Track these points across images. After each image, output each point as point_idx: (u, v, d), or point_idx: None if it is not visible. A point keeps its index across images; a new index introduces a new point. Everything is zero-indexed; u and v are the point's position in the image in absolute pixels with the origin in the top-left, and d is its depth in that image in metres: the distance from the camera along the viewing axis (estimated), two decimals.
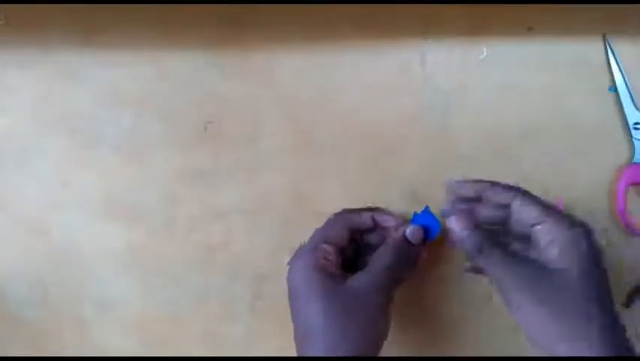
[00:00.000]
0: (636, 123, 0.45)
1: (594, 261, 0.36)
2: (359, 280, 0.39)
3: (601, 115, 0.46)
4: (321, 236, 0.41)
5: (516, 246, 0.40)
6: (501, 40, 0.46)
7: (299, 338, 0.40)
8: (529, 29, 0.45)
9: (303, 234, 0.47)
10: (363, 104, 0.46)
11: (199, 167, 0.47)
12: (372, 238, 0.44)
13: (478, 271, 0.41)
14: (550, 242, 0.36)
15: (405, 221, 0.43)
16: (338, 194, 0.47)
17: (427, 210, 0.43)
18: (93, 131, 0.47)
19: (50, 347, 0.49)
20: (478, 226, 0.39)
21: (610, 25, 0.45)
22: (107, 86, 0.47)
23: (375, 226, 0.43)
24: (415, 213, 0.44)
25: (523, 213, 0.38)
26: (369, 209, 0.43)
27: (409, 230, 0.42)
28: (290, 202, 0.47)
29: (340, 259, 0.41)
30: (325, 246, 0.41)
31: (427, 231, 0.43)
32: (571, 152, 0.46)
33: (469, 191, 0.40)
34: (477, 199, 0.40)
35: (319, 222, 0.46)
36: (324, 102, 0.47)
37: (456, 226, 0.39)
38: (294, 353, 0.48)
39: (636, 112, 0.45)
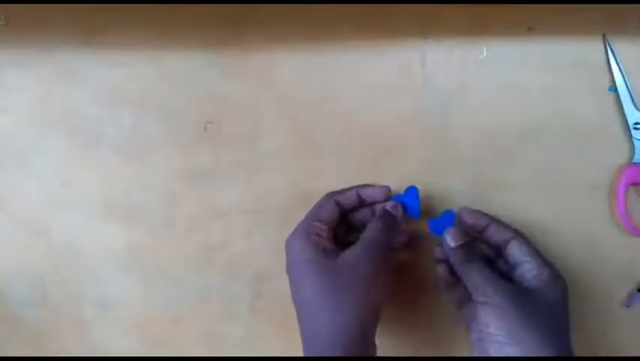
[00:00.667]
0: (636, 123, 0.45)
1: (565, 300, 0.40)
2: (351, 253, 0.41)
3: (601, 115, 0.46)
4: (312, 216, 0.43)
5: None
6: (501, 40, 0.46)
7: (299, 315, 0.41)
8: (530, 29, 0.45)
9: None
10: (363, 104, 0.46)
11: (199, 167, 0.47)
12: (361, 216, 0.45)
13: (450, 281, 0.44)
14: (535, 275, 0.40)
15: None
16: None
17: (410, 192, 0.45)
18: (93, 132, 0.47)
19: (50, 347, 0.49)
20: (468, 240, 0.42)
21: (610, 25, 0.45)
22: (107, 86, 0.47)
23: (362, 203, 0.45)
24: (397, 195, 0.45)
25: (520, 252, 0.41)
26: (354, 187, 0.45)
27: (389, 205, 0.44)
28: (290, 202, 0.47)
29: (332, 236, 0.43)
30: (317, 223, 0.42)
31: (406, 208, 0.45)
32: (571, 152, 0.46)
33: (478, 222, 0.43)
34: (478, 234, 0.43)
35: None
36: (324, 102, 0.47)
37: (449, 236, 0.42)
38: (294, 353, 0.48)
39: (636, 112, 0.45)
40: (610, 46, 0.45)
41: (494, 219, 0.43)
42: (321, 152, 0.47)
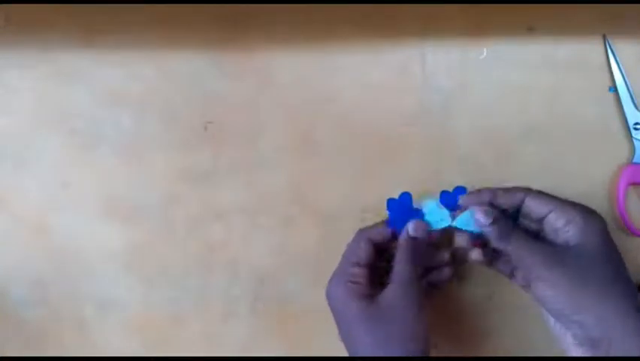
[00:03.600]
0: (636, 123, 0.45)
1: (609, 238, 0.38)
2: (387, 295, 0.39)
3: (601, 115, 0.46)
4: (346, 259, 0.42)
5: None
6: (501, 40, 0.46)
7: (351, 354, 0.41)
8: (530, 29, 0.45)
9: (303, 234, 0.47)
10: (363, 104, 0.46)
11: (199, 167, 0.47)
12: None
13: (488, 262, 0.42)
14: (566, 223, 0.38)
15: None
16: (338, 194, 0.47)
17: (403, 197, 0.43)
18: (93, 132, 0.47)
19: (50, 347, 0.49)
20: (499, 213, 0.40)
21: (610, 25, 0.45)
22: (107, 86, 0.47)
23: (395, 235, 0.43)
24: (392, 198, 0.43)
25: (535, 206, 0.40)
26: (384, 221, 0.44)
27: (410, 227, 0.42)
28: (290, 202, 0.47)
29: (370, 277, 0.41)
30: (352, 269, 0.41)
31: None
32: (571, 152, 0.46)
33: (483, 200, 0.41)
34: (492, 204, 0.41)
35: (319, 222, 0.47)
36: (324, 102, 0.47)
37: (482, 218, 0.40)
38: (294, 353, 0.48)
39: (636, 112, 0.45)
40: (610, 46, 0.45)
41: (499, 188, 0.41)
42: (321, 152, 0.47)
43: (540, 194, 0.40)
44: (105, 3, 0.45)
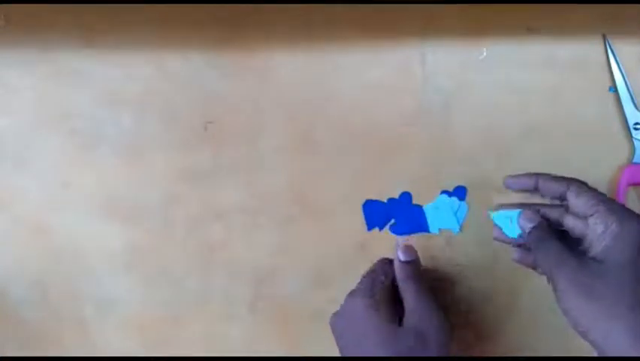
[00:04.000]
0: (636, 123, 0.45)
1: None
2: (407, 320, 0.40)
3: (601, 115, 0.46)
4: (377, 276, 0.43)
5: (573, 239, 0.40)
6: (501, 41, 0.46)
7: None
8: (529, 29, 0.45)
9: (303, 234, 0.47)
10: (363, 104, 0.46)
11: (199, 167, 0.47)
12: None
13: (527, 263, 0.42)
14: (604, 230, 0.36)
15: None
16: (338, 194, 0.47)
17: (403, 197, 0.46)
18: (93, 132, 0.47)
19: (50, 347, 0.49)
20: (542, 220, 0.40)
21: (610, 25, 0.45)
22: (107, 86, 0.47)
23: None
24: (392, 198, 0.46)
25: (578, 205, 0.38)
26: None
27: (400, 252, 0.43)
28: (290, 202, 0.47)
29: (393, 294, 0.43)
30: (382, 285, 0.42)
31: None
32: (571, 152, 0.46)
33: (526, 184, 0.41)
34: (534, 191, 0.41)
35: (319, 222, 0.47)
36: (324, 102, 0.47)
37: (526, 221, 0.39)
38: (294, 353, 0.48)
39: (636, 112, 0.45)
40: (610, 46, 0.45)
41: (542, 176, 0.40)
42: (321, 152, 0.47)
43: (582, 192, 0.38)
44: (105, 3, 0.45)
